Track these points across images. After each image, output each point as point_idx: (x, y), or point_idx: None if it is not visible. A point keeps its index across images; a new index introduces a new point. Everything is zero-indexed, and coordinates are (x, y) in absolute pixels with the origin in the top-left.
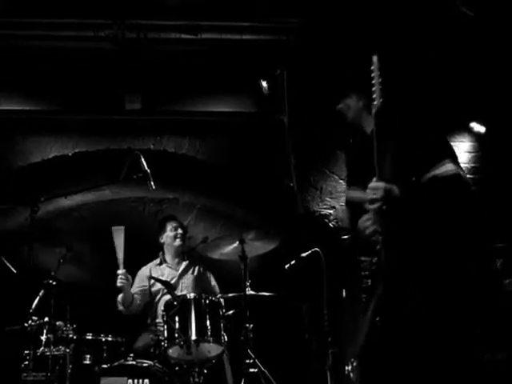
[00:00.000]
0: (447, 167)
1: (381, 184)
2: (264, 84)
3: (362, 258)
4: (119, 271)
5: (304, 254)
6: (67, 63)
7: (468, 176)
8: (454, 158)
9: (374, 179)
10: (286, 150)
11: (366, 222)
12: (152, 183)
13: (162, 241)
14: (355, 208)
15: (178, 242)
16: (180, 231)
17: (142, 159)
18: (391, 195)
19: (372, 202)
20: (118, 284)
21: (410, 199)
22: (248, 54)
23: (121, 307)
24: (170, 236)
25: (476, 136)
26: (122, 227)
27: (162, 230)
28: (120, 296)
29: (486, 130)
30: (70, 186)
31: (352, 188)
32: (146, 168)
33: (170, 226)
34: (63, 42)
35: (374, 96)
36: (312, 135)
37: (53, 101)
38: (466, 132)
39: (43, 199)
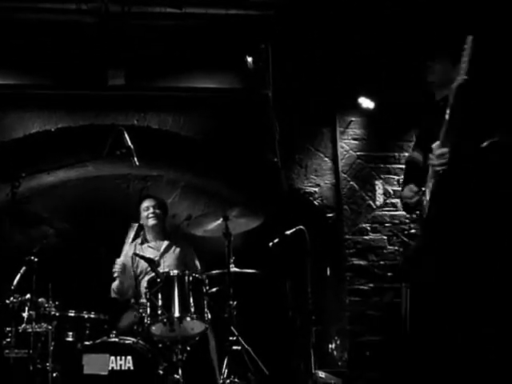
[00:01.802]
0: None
1: (445, 149)
2: (249, 59)
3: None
4: (118, 259)
5: (288, 232)
6: (49, 37)
7: None
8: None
9: (437, 144)
10: (271, 126)
11: (410, 192)
12: (135, 159)
13: (141, 222)
14: (415, 168)
15: (150, 221)
16: (151, 210)
17: (126, 135)
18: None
19: (439, 165)
20: (114, 270)
21: (470, 163)
22: (233, 29)
23: (114, 295)
24: (143, 216)
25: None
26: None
27: (137, 210)
28: (115, 284)
29: None
30: (52, 162)
31: (415, 150)
32: (130, 144)
33: (143, 206)
34: (45, 15)
35: (461, 71)
36: (297, 112)
37: (35, 75)
38: None
39: (24, 175)
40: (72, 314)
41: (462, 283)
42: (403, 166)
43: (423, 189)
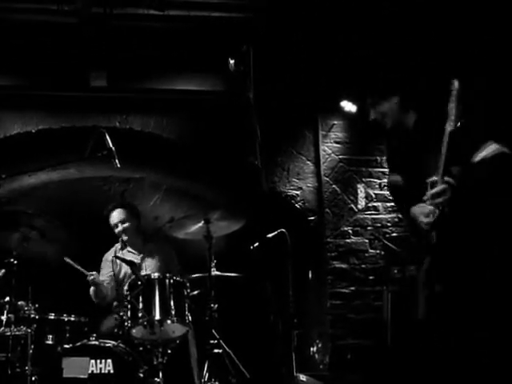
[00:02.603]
0: (491, 148)
1: (445, 186)
2: (231, 62)
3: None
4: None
5: (270, 235)
6: (30, 37)
7: None
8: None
9: (433, 179)
10: (253, 128)
11: (423, 217)
12: (117, 161)
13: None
14: (398, 190)
15: (123, 237)
16: (120, 228)
17: (107, 136)
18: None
19: (441, 203)
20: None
21: (463, 185)
22: (216, 31)
23: (96, 300)
24: (115, 232)
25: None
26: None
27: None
28: (91, 290)
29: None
30: (33, 164)
31: (393, 174)
32: (111, 145)
33: (111, 223)
34: (26, 15)
35: (451, 117)
36: (279, 114)
37: (16, 76)
38: None
39: (5, 176)
40: (52, 317)
41: (455, 287)
42: (385, 170)
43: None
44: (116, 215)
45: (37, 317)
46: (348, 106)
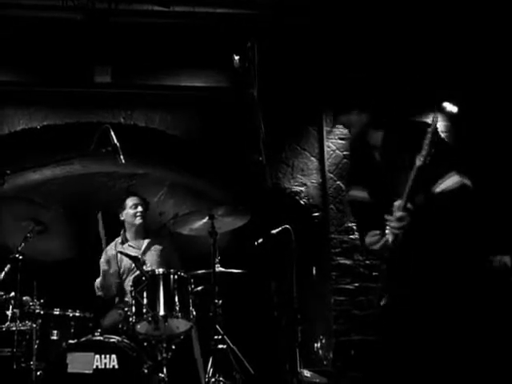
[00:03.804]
0: (453, 179)
1: (405, 213)
2: (236, 58)
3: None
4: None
5: (274, 231)
6: (35, 33)
7: None
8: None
9: (398, 204)
10: (256, 124)
11: (374, 238)
12: (121, 157)
13: (122, 218)
14: (357, 205)
15: (138, 220)
16: (140, 209)
17: (112, 132)
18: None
19: (399, 228)
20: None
21: (423, 214)
22: (220, 28)
23: (98, 292)
24: (130, 214)
25: (448, 116)
26: (99, 214)
27: (121, 206)
28: (98, 280)
29: (459, 109)
30: (38, 160)
31: (354, 188)
32: (116, 141)
33: (130, 203)
34: (31, 12)
35: (423, 152)
36: (284, 111)
37: (20, 72)
38: (439, 112)
39: (9, 172)
40: (57, 313)
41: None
42: None
43: (386, 231)
44: (135, 198)
45: (42, 312)
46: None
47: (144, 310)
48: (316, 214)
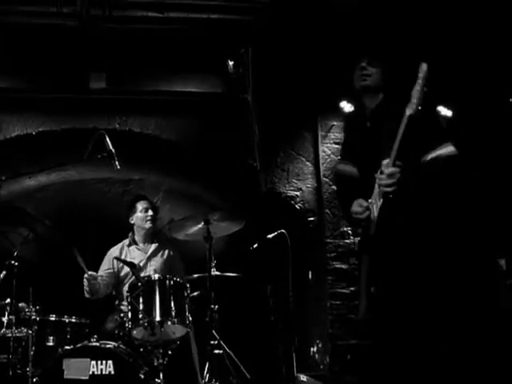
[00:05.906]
0: (449, 149)
1: (396, 169)
2: (230, 63)
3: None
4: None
5: (270, 236)
6: (30, 40)
7: None
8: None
9: (387, 161)
10: (251, 129)
11: (360, 208)
12: (117, 163)
13: (132, 222)
14: (344, 180)
15: (148, 224)
16: (150, 213)
17: (107, 138)
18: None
19: (388, 186)
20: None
21: (413, 178)
22: (215, 33)
23: (87, 295)
24: (140, 217)
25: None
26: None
27: (131, 210)
28: (85, 285)
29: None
30: (33, 166)
31: (344, 162)
32: (111, 147)
33: (140, 207)
34: (26, 18)
35: (414, 100)
36: (278, 116)
37: (16, 78)
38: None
39: (4, 178)
40: (53, 319)
41: (396, 286)
42: None
43: (370, 200)
44: (146, 202)
45: (38, 318)
46: (347, 107)
47: (140, 316)
48: (311, 219)
